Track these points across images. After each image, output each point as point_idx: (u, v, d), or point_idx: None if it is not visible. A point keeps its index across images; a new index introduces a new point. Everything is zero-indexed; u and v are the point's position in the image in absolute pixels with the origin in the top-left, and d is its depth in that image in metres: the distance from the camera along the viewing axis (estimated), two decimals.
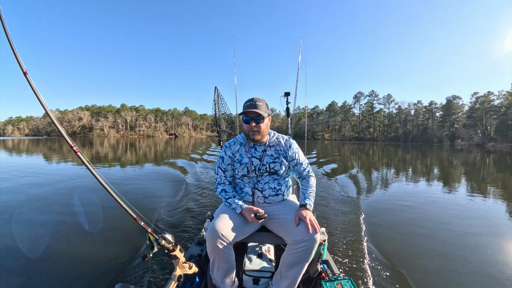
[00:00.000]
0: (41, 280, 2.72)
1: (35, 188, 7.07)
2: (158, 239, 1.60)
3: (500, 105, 69.46)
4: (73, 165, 12.12)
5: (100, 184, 1.38)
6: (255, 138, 1.90)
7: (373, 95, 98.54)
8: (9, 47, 1.08)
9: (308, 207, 1.83)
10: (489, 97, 72.92)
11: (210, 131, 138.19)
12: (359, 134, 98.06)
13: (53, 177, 8.89)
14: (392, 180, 9.20)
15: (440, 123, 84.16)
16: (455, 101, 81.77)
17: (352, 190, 7.13)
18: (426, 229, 4.23)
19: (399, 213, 5.03)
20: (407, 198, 6.37)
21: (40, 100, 1.17)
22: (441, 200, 6.30)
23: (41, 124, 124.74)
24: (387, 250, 3.38)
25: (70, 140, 1.25)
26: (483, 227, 4.35)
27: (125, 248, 3.44)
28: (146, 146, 33.87)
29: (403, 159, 19.77)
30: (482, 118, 73.94)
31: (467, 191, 7.58)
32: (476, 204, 5.93)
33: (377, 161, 17.57)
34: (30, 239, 3.72)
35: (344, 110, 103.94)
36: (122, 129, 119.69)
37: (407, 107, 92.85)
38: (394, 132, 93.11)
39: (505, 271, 2.94)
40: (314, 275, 1.91)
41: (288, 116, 4.13)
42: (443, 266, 3.02)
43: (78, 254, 3.29)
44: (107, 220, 4.46)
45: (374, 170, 12.05)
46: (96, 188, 6.52)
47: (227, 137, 4.63)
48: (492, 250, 3.48)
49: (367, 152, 27.55)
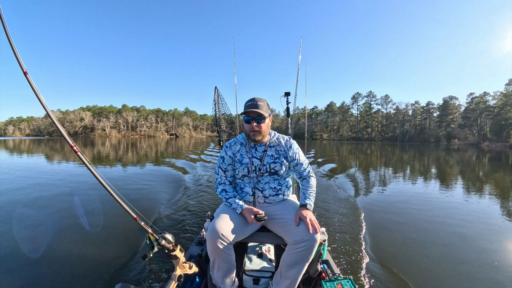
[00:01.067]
0: (41, 280, 2.69)
1: (34, 188, 7.03)
2: (158, 239, 1.58)
3: (495, 105, 69.88)
4: (74, 165, 12.07)
5: (101, 184, 1.36)
6: (256, 138, 1.88)
7: (370, 96, 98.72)
8: (9, 47, 1.07)
9: (309, 207, 1.81)
10: (484, 97, 73.15)
11: (210, 131, 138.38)
12: (357, 134, 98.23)
13: (53, 176, 8.86)
14: (391, 180, 9.20)
15: (437, 123, 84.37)
16: (451, 101, 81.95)
17: (352, 190, 7.10)
18: (426, 228, 4.21)
19: (398, 213, 5.00)
20: (406, 197, 6.37)
21: (40, 100, 1.15)
22: (440, 199, 6.28)
23: (42, 124, 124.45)
24: (387, 250, 3.36)
25: (70, 140, 1.24)
26: (480, 225, 4.35)
27: (125, 248, 3.41)
28: (147, 146, 33.86)
29: (400, 158, 19.81)
30: (477, 118, 74.27)
31: (465, 190, 7.57)
32: (473, 203, 5.92)
33: (375, 160, 17.58)
34: (30, 239, 3.69)
35: (343, 110, 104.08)
36: (123, 129, 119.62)
37: (404, 107, 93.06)
38: (392, 132, 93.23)
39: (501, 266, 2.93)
40: (314, 275, 1.88)
41: (288, 116, 4.09)
42: (443, 266, 3.00)
43: (78, 254, 3.26)
44: (107, 220, 4.43)
45: (373, 170, 12.04)
46: (97, 188, 6.52)
47: (227, 137, 4.60)
48: (494, 252, 3.42)
49: (365, 152, 27.59)
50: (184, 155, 18.10)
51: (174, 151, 22.86)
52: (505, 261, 3.16)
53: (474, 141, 69.74)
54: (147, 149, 27.32)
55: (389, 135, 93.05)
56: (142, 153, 21.53)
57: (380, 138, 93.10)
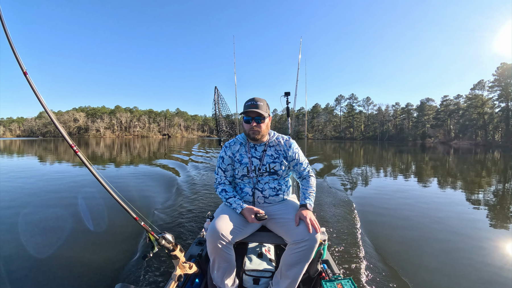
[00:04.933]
0: (41, 280, 2.59)
1: (34, 187, 6.80)
2: (158, 239, 1.52)
3: (459, 108, 74.29)
4: (73, 165, 11.71)
5: (100, 184, 1.29)
6: (255, 138, 1.82)
7: (352, 98, 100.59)
8: (9, 47, 1.03)
9: (309, 207, 1.75)
10: (457, 100, 76.58)
11: (201, 131, 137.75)
12: (340, 134, 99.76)
13: (52, 176, 8.63)
14: (380, 177, 9.28)
15: (415, 123, 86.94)
16: (428, 103, 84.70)
17: (344, 188, 7.01)
18: (424, 225, 4.17)
19: (398, 212, 4.90)
20: (403, 195, 6.32)
21: (40, 100, 1.11)
22: (435, 194, 6.44)
23: (36, 125, 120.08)
24: (387, 250, 3.27)
25: (70, 140, 1.17)
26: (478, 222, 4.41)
27: (125, 248, 3.28)
28: (142, 146, 33.26)
29: (385, 156, 20.22)
30: (446, 119, 77.90)
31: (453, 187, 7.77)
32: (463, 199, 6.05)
33: (358, 158, 17.85)
34: (30, 239, 3.56)
35: (327, 111, 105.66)
36: (117, 130, 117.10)
37: (386, 108, 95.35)
38: (372, 131, 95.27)
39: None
40: (314, 275, 1.83)
41: (288, 116, 3.96)
42: (443, 265, 2.95)
43: (78, 254, 3.15)
44: (107, 220, 4.29)
45: (361, 167, 12.21)
46: (96, 188, 6.31)
47: (227, 137, 4.49)
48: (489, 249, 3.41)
49: (348, 150, 28.03)
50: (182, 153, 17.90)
51: (166, 152, 22.52)
52: (504, 258, 3.14)
53: (444, 139, 73.14)
54: (141, 149, 26.87)
55: (370, 134, 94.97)
56: (139, 153, 21.15)
57: (361, 137, 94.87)
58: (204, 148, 26.47)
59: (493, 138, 62.81)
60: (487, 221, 4.53)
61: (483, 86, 67.38)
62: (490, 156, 23.48)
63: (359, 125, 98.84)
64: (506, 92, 59.95)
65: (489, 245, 3.50)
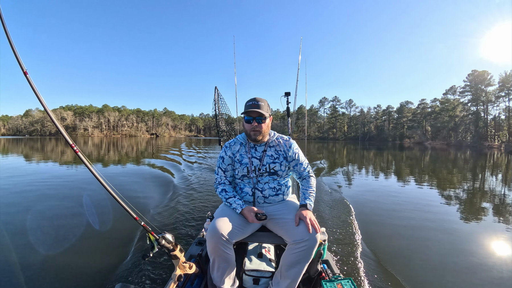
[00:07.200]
0: (41, 280, 2.52)
1: (32, 187, 6.55)
2: (158, 239, 1.47)
3: (433, 111, 78.01)
4: (72, 165, 11.30)
5: (101, 184, 1.25)
6: (256, 138, 1.78)
7: (335, 100, 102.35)
8: (9, 47, 1.01)
9: (309, 207, 1.72)
10: (434, 103, 79.84)
11: (188, 130, 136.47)
12: (323, 134, 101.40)
13: (50, 175, 8.35)
14: (384, 178, 9.27)
15: (394, 124, 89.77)
16: (407, 105, 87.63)
17: (351, 190, 6.93)
18: (425, 228, 4.10)
19: (397, 213, 4.84)
20: (401, 196, 6.33)
21: (40, 99, 1.09)
22: (432, 193, 6.54)
23: (22, 124, 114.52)
24: (387, 250, 3.25)
25: (70, 139, 1.15)
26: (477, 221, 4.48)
27: (125, 248, 3.18)
28: (129, 145, 32.42)
29: (362, 155, 20.64)
30: (422, 121, 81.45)
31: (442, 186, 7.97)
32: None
33: (342, 157, 18.14)
34: (30, 239, 3.44)
35: (311, 113, 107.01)
36: (105, 129, 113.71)
37: (368, 110, 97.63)
38: (354, 132, 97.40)
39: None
40: (314, 275, 1.80)
41: (289, 116, 3.88)
42: (443, 264, 2.94)
43: (78, 254, 3.07)
44: (107, 220, 4.17)
45: (349, 166, 12.35)
46: (96, 188, 6.10)
47: (227, 137, 4.40)
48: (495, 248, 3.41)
49: (331, 150, 28.43)
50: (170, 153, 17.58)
51: (154, 152, 22.07)
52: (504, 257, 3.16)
53: (419, 140, 76.20)
54: (130, 148, 26.20)
55: (352, 135, 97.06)
56: (128, 152, 20.62)
57: (343, 138, 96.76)
58: (192, 146, 26.13)
59: (464, 139, 66.10)
60: (484, 218, 4.63)
61: (454, 91, 71.33)
62: (463, 155, 24.46)
63: (342, 126, 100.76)
64: (476, 97, 63.93)
65: (489, 245, 3.51)
